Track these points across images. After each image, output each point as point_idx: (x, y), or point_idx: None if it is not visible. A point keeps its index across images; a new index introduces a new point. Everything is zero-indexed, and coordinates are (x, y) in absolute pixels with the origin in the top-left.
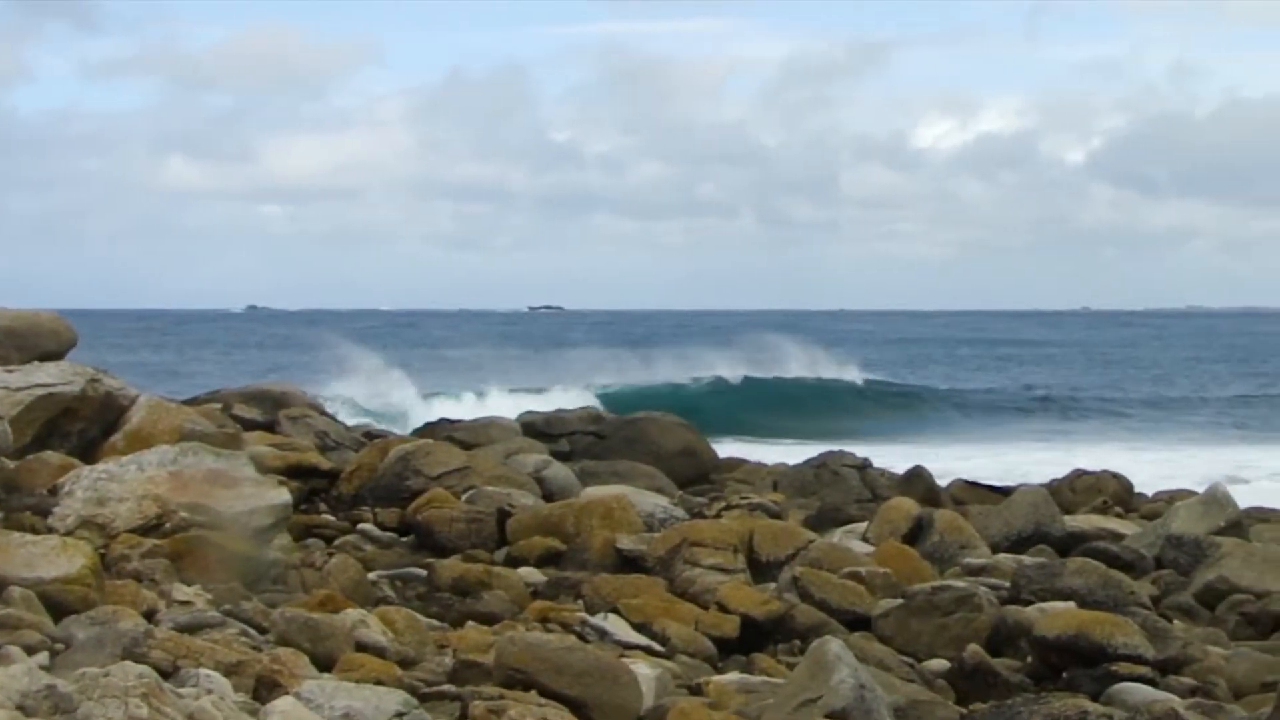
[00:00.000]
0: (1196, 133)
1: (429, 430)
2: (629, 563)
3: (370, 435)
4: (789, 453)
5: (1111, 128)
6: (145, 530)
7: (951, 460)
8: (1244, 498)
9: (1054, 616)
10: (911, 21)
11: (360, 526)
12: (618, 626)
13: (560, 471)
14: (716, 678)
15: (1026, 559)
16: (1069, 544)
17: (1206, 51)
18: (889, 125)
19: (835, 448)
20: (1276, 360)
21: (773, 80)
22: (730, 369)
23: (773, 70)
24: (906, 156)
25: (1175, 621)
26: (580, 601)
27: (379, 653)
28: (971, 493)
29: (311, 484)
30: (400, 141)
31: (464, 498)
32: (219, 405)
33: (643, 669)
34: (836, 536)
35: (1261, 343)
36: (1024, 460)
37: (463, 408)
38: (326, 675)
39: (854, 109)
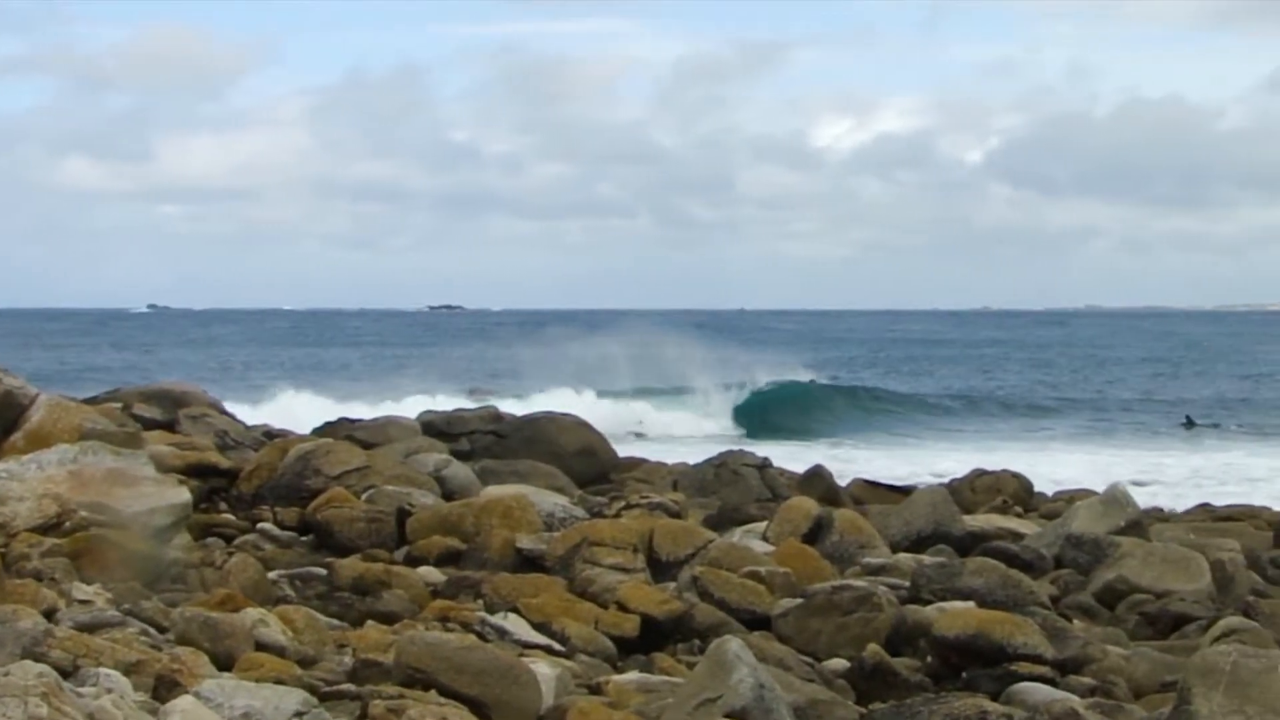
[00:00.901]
0: (1095, 132)
1: (329, 429)
2: (529, 562)
3: (270, 434)
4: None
5: (1010, 128)
6: (45, 529)
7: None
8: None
9: (953, 616)
10: (807, 21)
11: (260, 526)
12: (517, 626)
13: (460, 471)
14: (616, 677)
15: (926, 558)
16: (969, 544)
17: (1104, 51)
18: (786, 125)
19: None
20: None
21: (669, 80)
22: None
23: (669, 70)
24: (804, 156)
25: (1075, 621)
26: (480, 601)
27: (279, 652)
28: (871, 492)
29: (211, 483)
30: (299, 141)
31: (364, 497)
32: (119, 404)
33: (542, 668)
34: (736, 536)
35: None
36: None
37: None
38: (226, 674)
39: (751, 109)
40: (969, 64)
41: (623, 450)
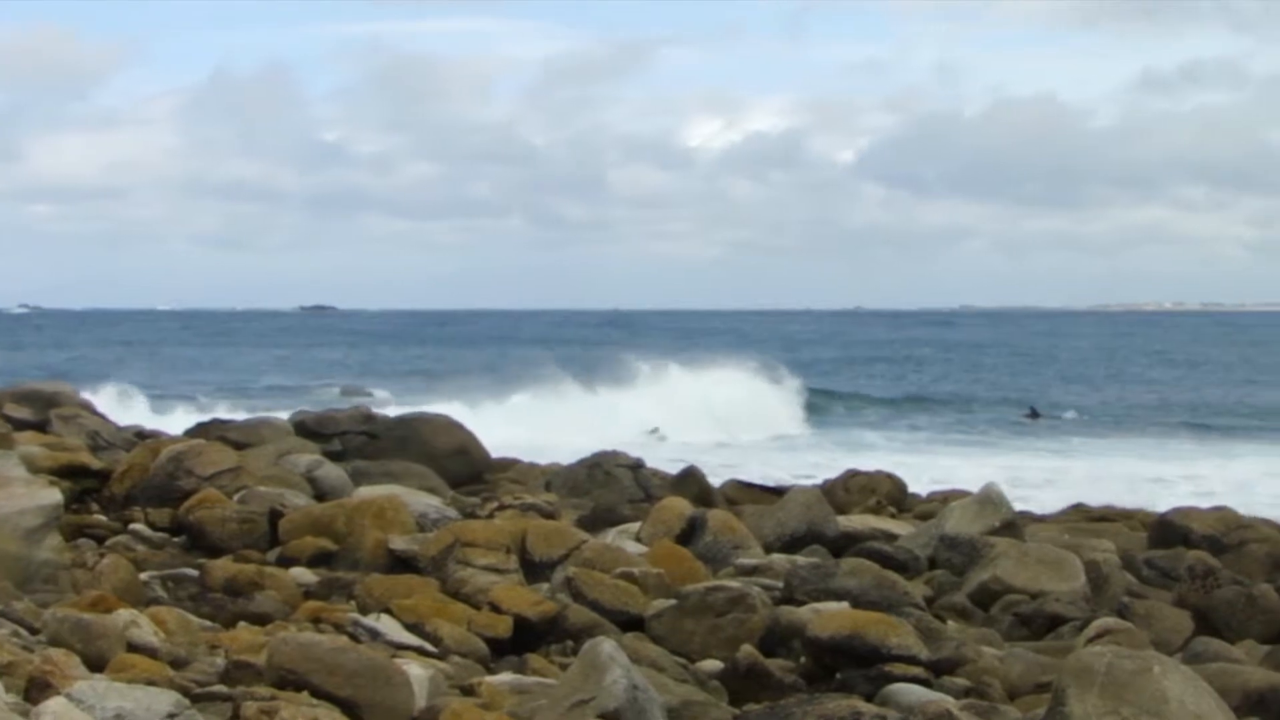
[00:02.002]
0: (966, 132)
1: (200, 430)
2: (401, 563)
3: (142, 435)
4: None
5: (880, 127)
6: None
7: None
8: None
9: (827, 617)
10: (675, 20)
11: (132, 527)
12: (390, 627)
13: (332, 471)
14: (489, 678)
15: (800, 559)
16: (843, 544)
17: (973, 51)
18: (657, 124)
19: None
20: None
21: (540, 80)
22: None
23: (539, 70)
24: (675, 156)
25: (949, 622)
26: (352, 602)
27: (151, 653)
28: (745, 493)
29: (83, 484)
30: (169, 141)
31: (236, 498)
32: None
33: (415, 670)
34: (609, 537)
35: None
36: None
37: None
38: (98, 676)
39: (621, 108)
40: (838, 63)
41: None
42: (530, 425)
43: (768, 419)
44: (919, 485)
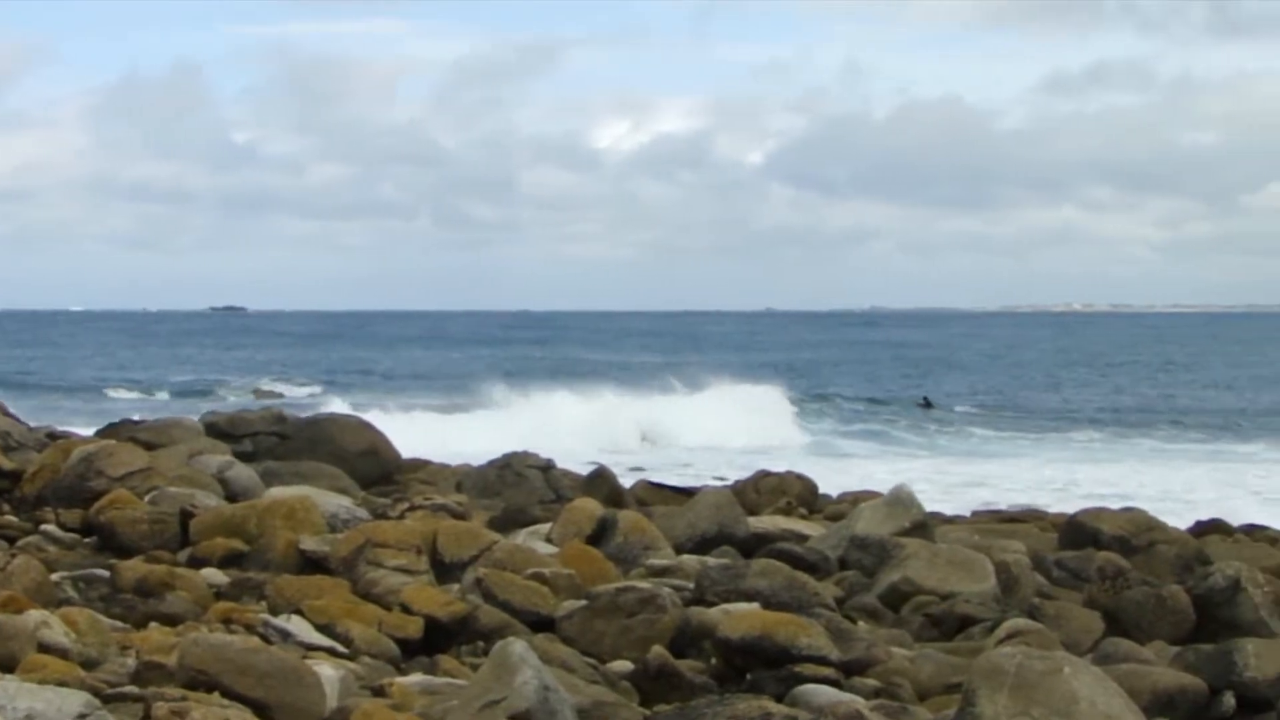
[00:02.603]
0: (874, 133)
1: (111, 431)
2: (312, 564)
3: (53, 436)
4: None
5: (788, 129)
6: None
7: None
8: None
9: (738, 618)
10: (581, 21)
11: (43, 527)
12: (301, 628)
13: (243, 472)
14: (400, 679)
15: (711, 560)
16: (753, 545)
17: (881, 52)
18: (565, 126)
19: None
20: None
21: (448, 81)
22: None
23: (447, 71)
24: (584, 157)
25: (859, 623)
26: (263, 603)
27: (62, 654)
28: (656, 494)
29: None
30: (78, 142)
31: (147, 499)
32: None
33: (326, 670)
34: (520, 538)
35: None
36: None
37: None
38: (9, 676)
39: (530, 109)
40: (745, 65)
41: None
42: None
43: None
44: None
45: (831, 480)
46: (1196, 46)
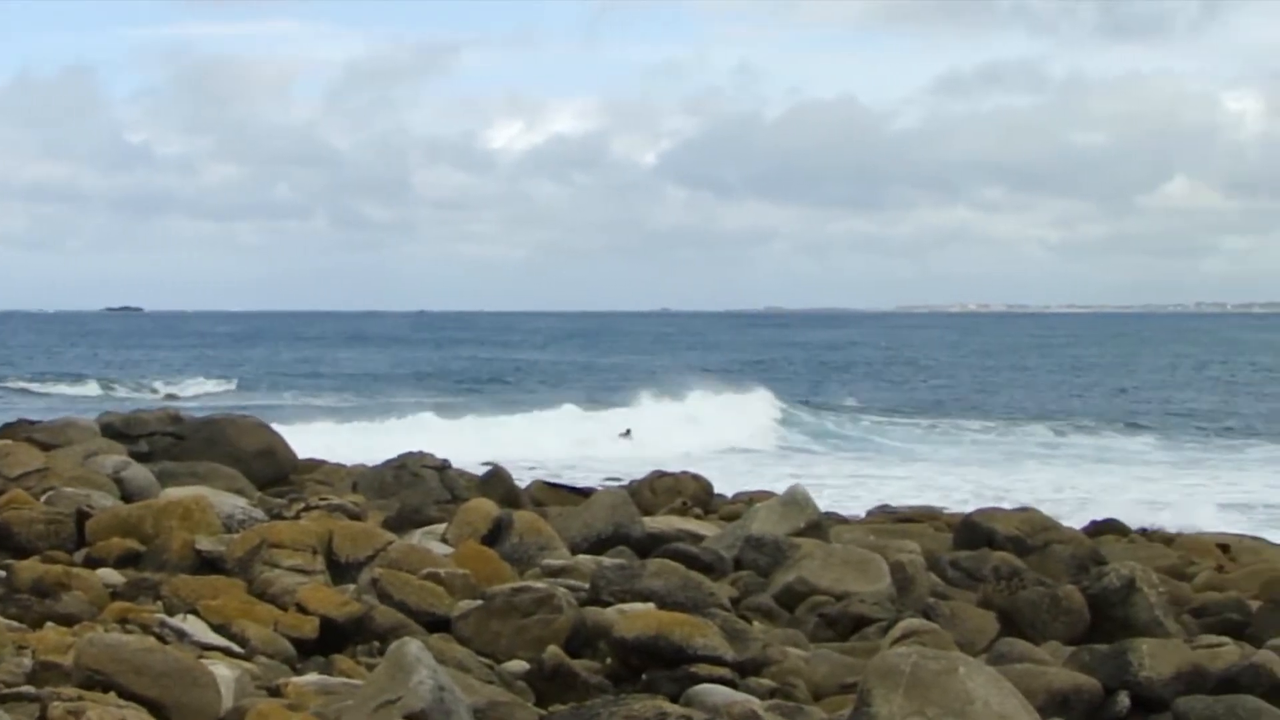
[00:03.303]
0: (768, 134)
1: (7, 431)
2: (208, 564)
3: None
4: None
5: (681, 129)
6: None
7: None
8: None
9: (633, 618)
10: (473, 24)
11: None
12: (197, 628)
13: (139, 473)
14: (295, 679)
15: (606, 560)
16: (649, 545)
17: (773, 53)
18: (459, 126)
19: None
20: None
21: (341, 82)
22: None
23: (341, 72)
24: (478, 158)
25: (755, 623)
26: (159, 603)
27: None
28: (551, 494)
29: None
30: None
31: (43, 499)
32: None
33: (222, 670)
34: (416, 538)
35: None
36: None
37: None
38: None
39: (424, 110)
40: (637, 65)
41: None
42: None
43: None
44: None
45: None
46: (1087, 47)
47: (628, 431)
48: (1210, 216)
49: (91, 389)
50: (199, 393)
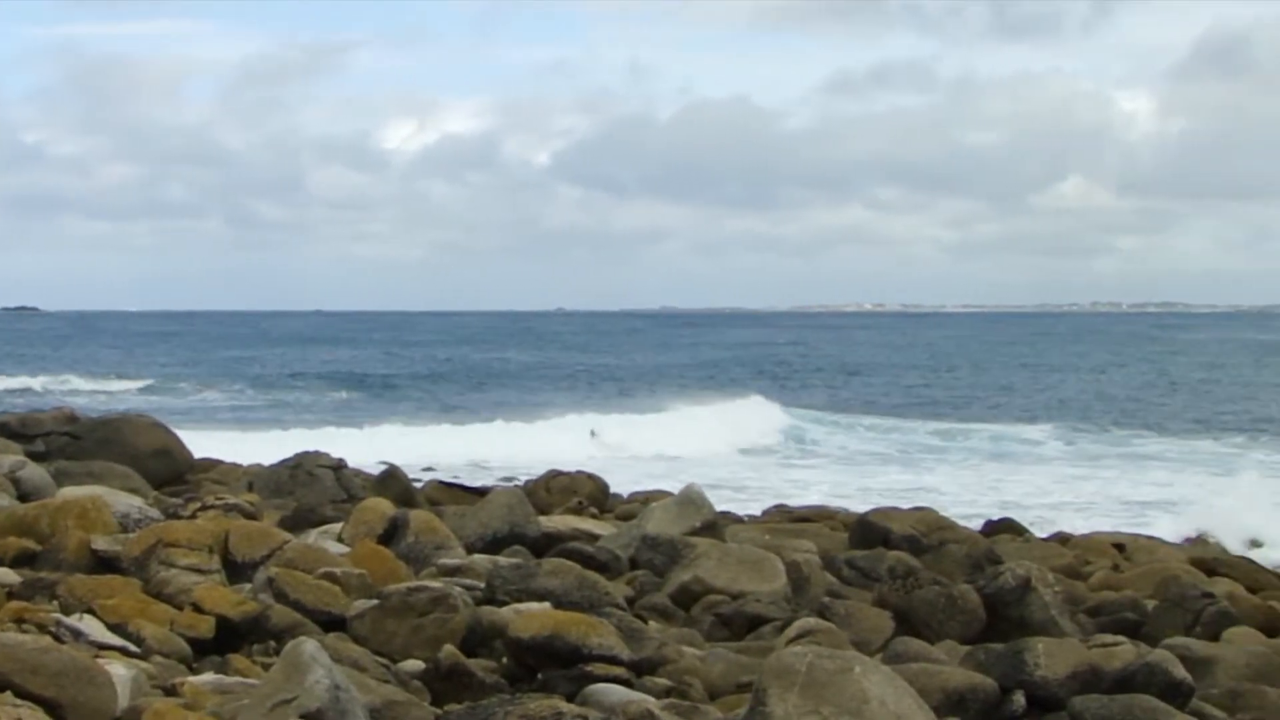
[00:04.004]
0: (660, 134)
1: None
2: (104, 563)
3: None
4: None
5: (574, 129)
6: None
7: None
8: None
9: (529, 617)
10: (365, 23)
11: None
12: (93, 627)
13: (35, 472)
14: (191, 678)
15: (502, 560)
16: (544, 545)
17: (665, 53)
18: (352, 126)
19: None
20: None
21: (234, 82)
22: None
23: (234, 72)
24: (372, 158)
25: (650, 622)
26: (55, 602)
27: None
28: (447, 493)
29: None
30: None
31: None
32: None
33: (118, 670)
34: (312, 537)
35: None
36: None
37: None
38: None
39: (317, 110)
40: (529, 65)
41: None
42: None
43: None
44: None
45: None
46: (978, 47)
47: (592, 433)
48: (1103, 216)
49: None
50: (122, 389)
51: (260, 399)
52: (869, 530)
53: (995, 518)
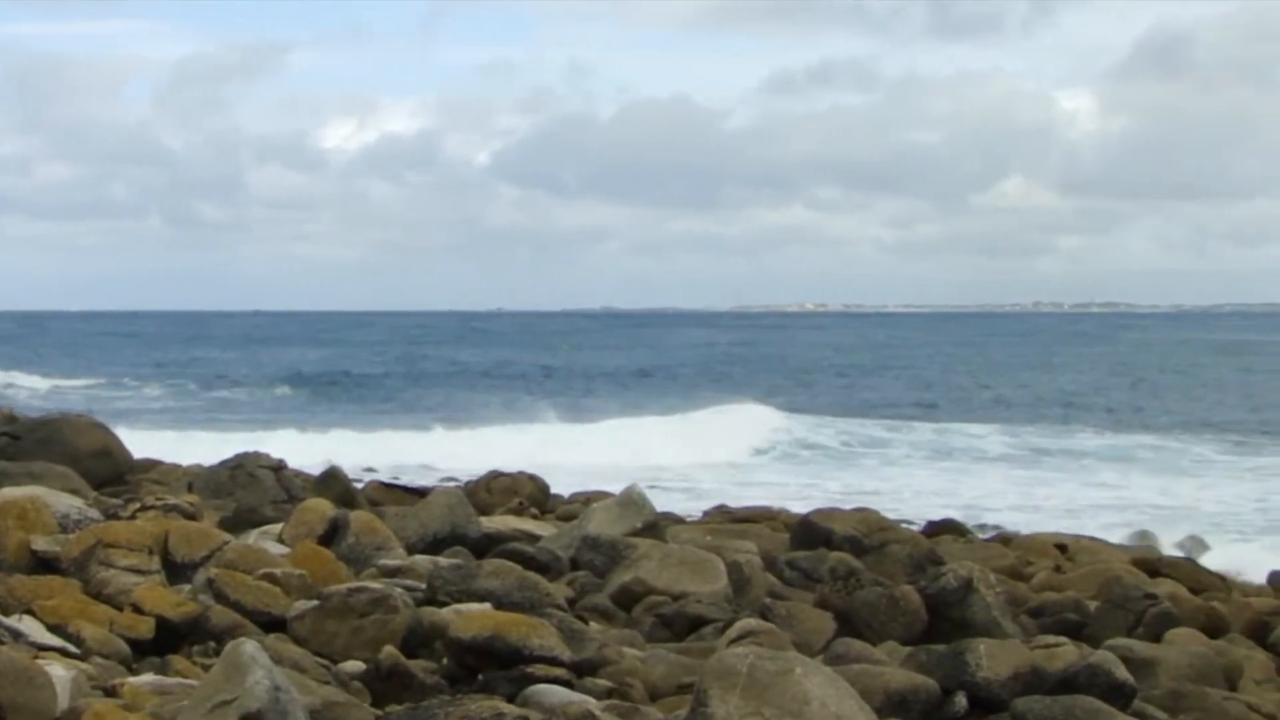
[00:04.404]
0: (601, 133)
1: None
2: (44, 564)
3: None
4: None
5: (515, 128)
6: None
7: None
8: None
9: (469, 618)
10: (305, 22)
11: None
12: (32, 628)
13: None
14: (131, 679)
15: (442, 560)
16: (485, 545)
17: (606, 52)
18: (292, 126)
19: None
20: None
21: (174, 81)
22: None
23: (173, 71)
24: (311, 157)
25: (591, 623)
26: None
27: None
28: (388, 494)
29: None
30: None
31: None
32: None
33: (57, 671)
34: (252, 538)
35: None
36: None
37: None
38: None
39: (257, 110)
40: (469, 65)
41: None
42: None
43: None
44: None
45: None
46: (919, 46)
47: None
48: (1045, 216)
49: None
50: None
51: (201, 399)
52: (810, 531)
53: (937, 518)
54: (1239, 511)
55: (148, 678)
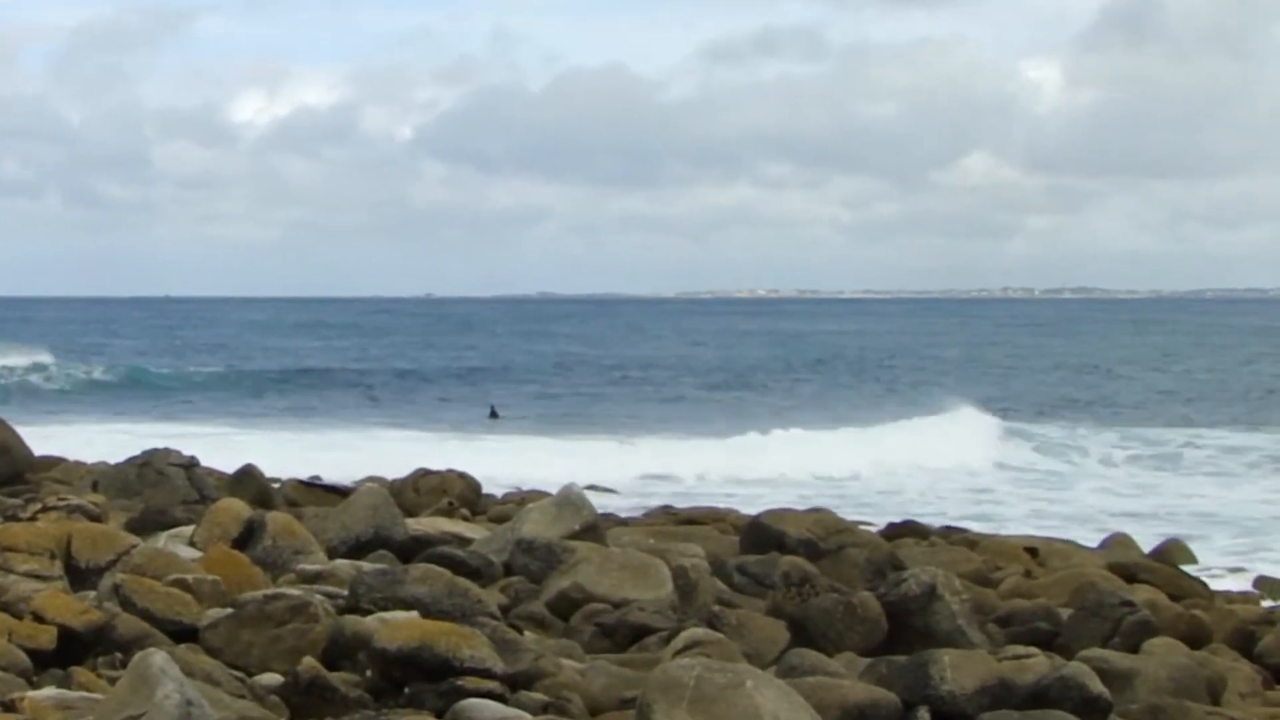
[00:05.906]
0: (530, 106)
1: None
2: None
3: None
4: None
5: (438, 101)
6: None
7: None
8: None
9: (395, 627)
10: None
11: None
12: None
13: None
14: (32, 693)
15: (366, 565)
16: (412, 549)
17: (532, 19)
18: (199, 98)
19: None
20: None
21: (71, 50)
22: None
23: (68, 39)
24: (220, 131)
25: (526, 633)
26: None
27: None
28: (308, 494)
29: None
30: None
31: None
32: None
33: None
34: (162, 541)
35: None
36: None
37: None
38: None
39: (160, 81)
40: (387, 32)
41: None
42: None
43: None
44: None
45: None
46: (870, 12)
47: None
48: (1011, 194)
49: None
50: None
51: (108, 392)
52: (761, 533)
53: (898, 520)
54: None
55: (49, 691)
